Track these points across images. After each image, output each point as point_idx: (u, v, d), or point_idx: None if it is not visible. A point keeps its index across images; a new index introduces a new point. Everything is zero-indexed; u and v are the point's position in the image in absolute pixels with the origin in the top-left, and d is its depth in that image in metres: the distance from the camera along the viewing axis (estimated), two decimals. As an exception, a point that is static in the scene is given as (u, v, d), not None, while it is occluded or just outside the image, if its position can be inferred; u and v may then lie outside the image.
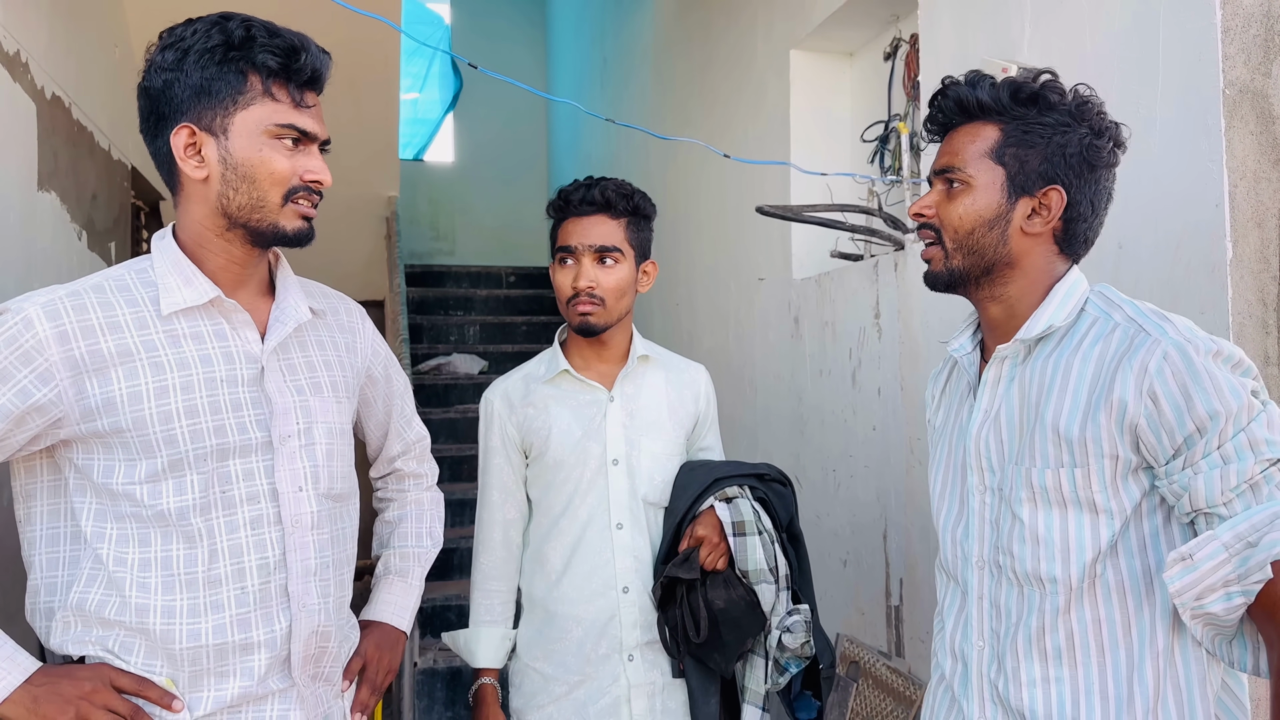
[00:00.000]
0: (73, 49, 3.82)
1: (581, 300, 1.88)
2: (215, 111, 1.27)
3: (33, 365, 1.23)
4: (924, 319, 2.71)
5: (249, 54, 1.27)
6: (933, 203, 1.33)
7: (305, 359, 1.42)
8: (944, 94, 1.33)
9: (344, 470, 1.44)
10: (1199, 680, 1.19)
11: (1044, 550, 1.22)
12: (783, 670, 1.92)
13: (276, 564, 1.33)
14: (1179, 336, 1.16)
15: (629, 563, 1.91)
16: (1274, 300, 1.80)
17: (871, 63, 3.44)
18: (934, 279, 1.35)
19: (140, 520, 1.28)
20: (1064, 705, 1.21)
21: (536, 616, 1.96)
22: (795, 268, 3.54)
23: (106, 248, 4.41)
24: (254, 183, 1.29)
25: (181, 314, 1.31)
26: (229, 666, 1.31)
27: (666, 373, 2.03)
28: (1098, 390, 1.19)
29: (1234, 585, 1.09)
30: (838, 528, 3.21)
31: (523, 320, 6.41)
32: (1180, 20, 1.86)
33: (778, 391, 3.66)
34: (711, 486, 1.90)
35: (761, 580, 1.85)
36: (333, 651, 1.42)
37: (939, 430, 1.44)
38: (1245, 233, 1.77)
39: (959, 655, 1.34)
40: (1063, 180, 1.27)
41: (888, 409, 2.91)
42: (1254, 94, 1.80)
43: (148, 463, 1.27)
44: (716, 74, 4.29)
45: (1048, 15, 2.21)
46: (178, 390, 1.28)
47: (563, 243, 1.92)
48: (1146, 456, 1.18)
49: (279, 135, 1.29)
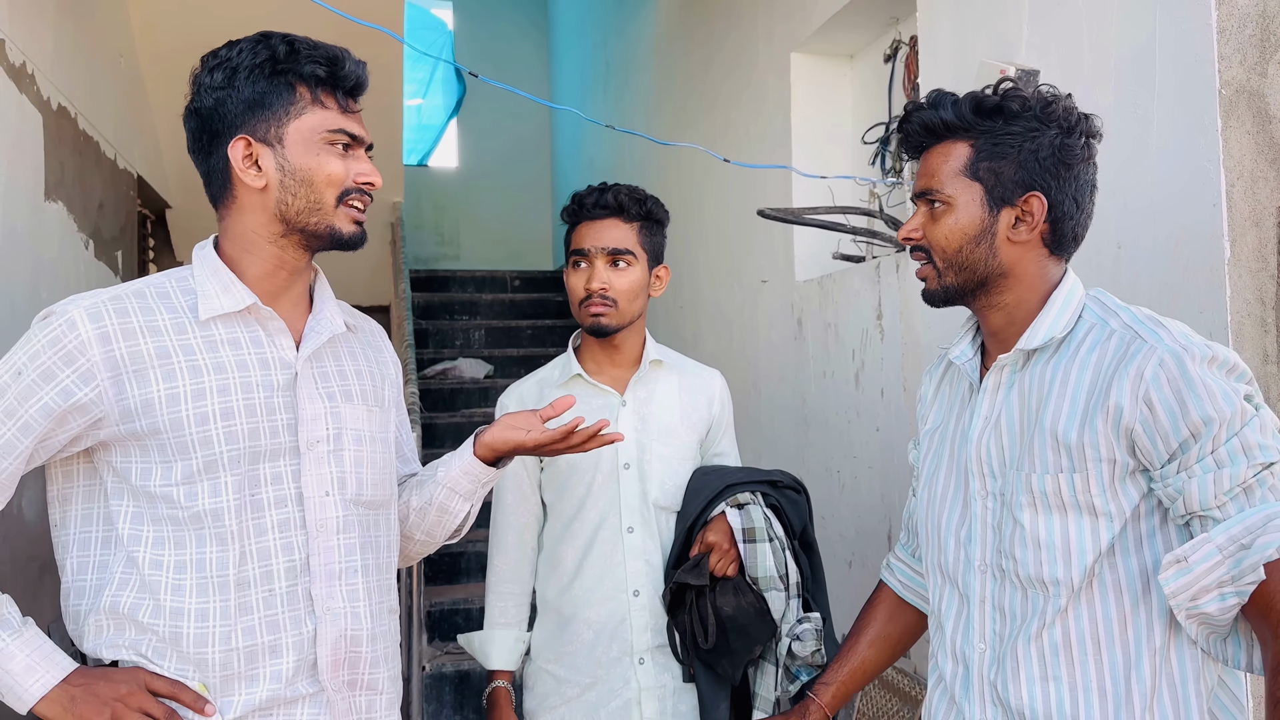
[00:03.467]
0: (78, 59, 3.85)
1: (594, 302, 1.91)
2: (269, 123, 1.33)
3: (75, 365, 1.27)
4: (926, 320, 2.72)
5: (295, 66, 1.33)
6: (919, 225, 1.35)
7: (338, 368, 1.45)
8: (908, 119, 1.35)
9: (376, 478, 1.46)
10: (1194, 677, 1.20)
11: (1045, 554, 1.24)
12: (793, 678, 1.90)
13: (301, 567, 1.36)
14: (1174, 343, 1.18)
15: (640, 566, 1.92)
16: (1272, 299, 1.80)
17: (872, 65, 3.46)
18: (931, 296, 1.37)
19: (176, 523, 1.31)
20: (1063, 703, 1.23)
21: (550, 619, 1.98)
22: (798, 270, 3.55)
23: (114, 256, 4.45)
24: (311, 186, 1.34)
25: (219, 320, 1.35)
26: (258, 670, 1.33)
27: (680, 377, 2.05)
28: (1095, 396, 1.21)
29: (1228, 586, 1.11)
30: (843, 529, 3.22)
31: (528, 324, 6.42)
32: (1176, 21, 1.87)
33: (781, 394, 3.67)
34: (724, 492, 1.91)
35: (771, 587, 1.85)
36: (368, 657, 1.41)
37: (935, 431, 1.45)
38: (1243, 232, 1.78)
39: (959, 657, 1.35)
40: (1040, 185, 1.28)
41: (891, 410, 2.92)
42: (1250, 94, 1.81)
43: (183, 464, 1.30)
44: (717, 76, 4.31)
45: (1045, 17, 2.22)
46: (214, 393, 1.31)
47: (576, 246, 1.95)
48: (1142, 460, 1.19)
49: (331, 140, 1.35)
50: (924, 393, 1.52)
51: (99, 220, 4.22)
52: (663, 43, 5.19)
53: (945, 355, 1.48)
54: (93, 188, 4.11)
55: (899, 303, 2.85)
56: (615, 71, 6.13)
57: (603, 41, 6.49)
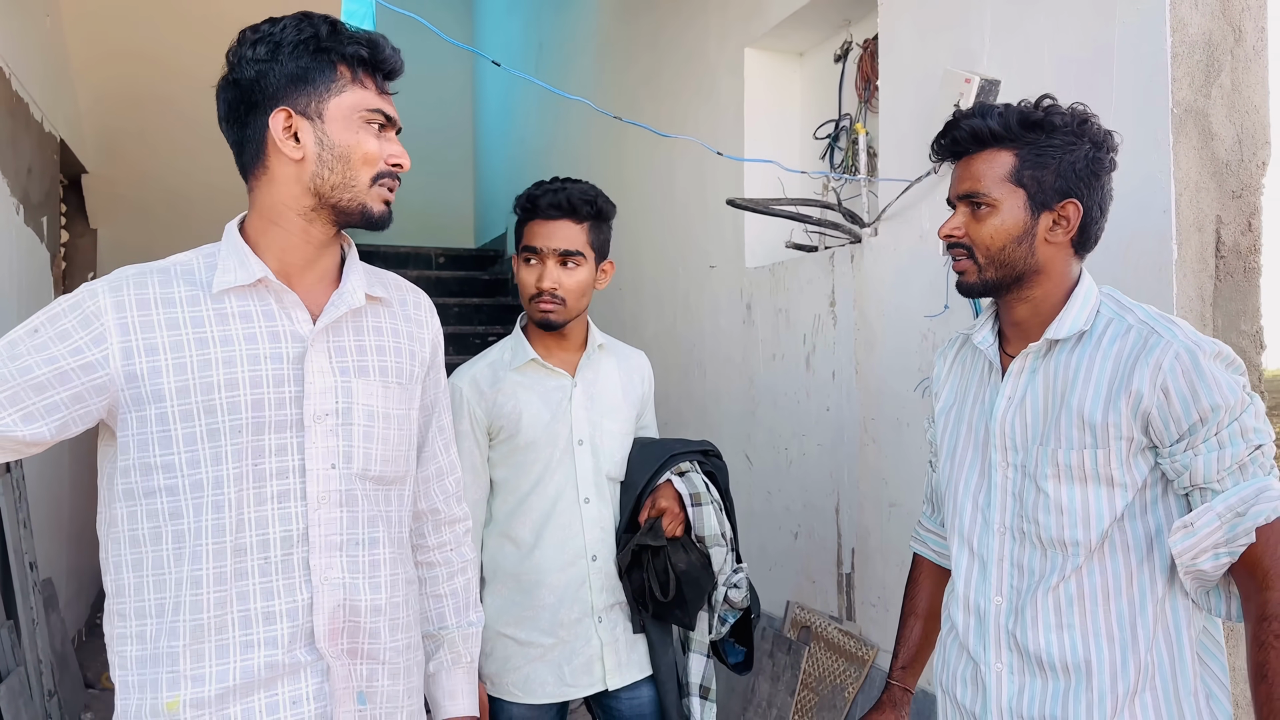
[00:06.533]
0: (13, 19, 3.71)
1: (545, 299, 2.06)
2: (310, 97, 1.37)
3: (90, 329, 1.32)
4: (880, 308, 2.91)
5: (338, 46, 1.38)
6: (961, 224, 1.50)
7: (357, 342, 1.47)
8: (957, 125, 1.50)
9: (389, 454, 1.49)
10: (1186, 624, 1.42)
11: (1067, 519, 1.43)
12: (723, 621, 2.21)
13: (300, 537, 1.39)
14: (1188, 340, 1.38)
15: (597, 533, 2.11)
16: (1210, 296, 2.04)
17: (823, 63, 3.62)
18: (969, 289, 1.52)
19: (173, 492, 1.35)
20: (1075, 647, 1.42)
21: (506, 587, 2.11)
22: (748, 257, 3.71)
23: (40, 222, 4.31)
24: (348, 162, 1.39)
25: (232, 293, 1.39)
26: (253, 635, 1.36)
27: (617, 359, 2.24)
28: (1117, 382, 1.40)
29: (1222, 547, 1.34)
30: (789, 503, 3.41)
31: (455, 302, 6.44)
32: (1134, 44, 2.07)
33: (728, 375, 3.84)
34: (668, 462, 2.14)
35: (715, 544, 2.12)
36: (367, 627, 1.44)
37: (950, 409, 1.62)
38: (1188, 237, 2.01)
39: (972, 609, 1.53)
40: (1076, 193, 1.45)
41: (842, 391, 3.11)
42: (1196, 113, 2.03)
43: (185, 430, 1.34)
44: (665, 66, 4.41)
45: (1007, 31, 2.41)
46: (220, 364, 1.35)
47: (529, 243, 2.09)
48: (1154, 439, 1.39)
49: (369, 120, 1.40)
50: (938, 371, 1.68)
51: (28, 185, 4.08)
52: (604, 26, 5.25)
53: (961, 337, 1.66)
54: (24, 151, 3.97)
55: (853, 291, 3.04)
56: (550, 54, 6.16)
57: (536, 21, 6.49)
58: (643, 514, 2.11)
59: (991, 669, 1.49)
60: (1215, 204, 2.04)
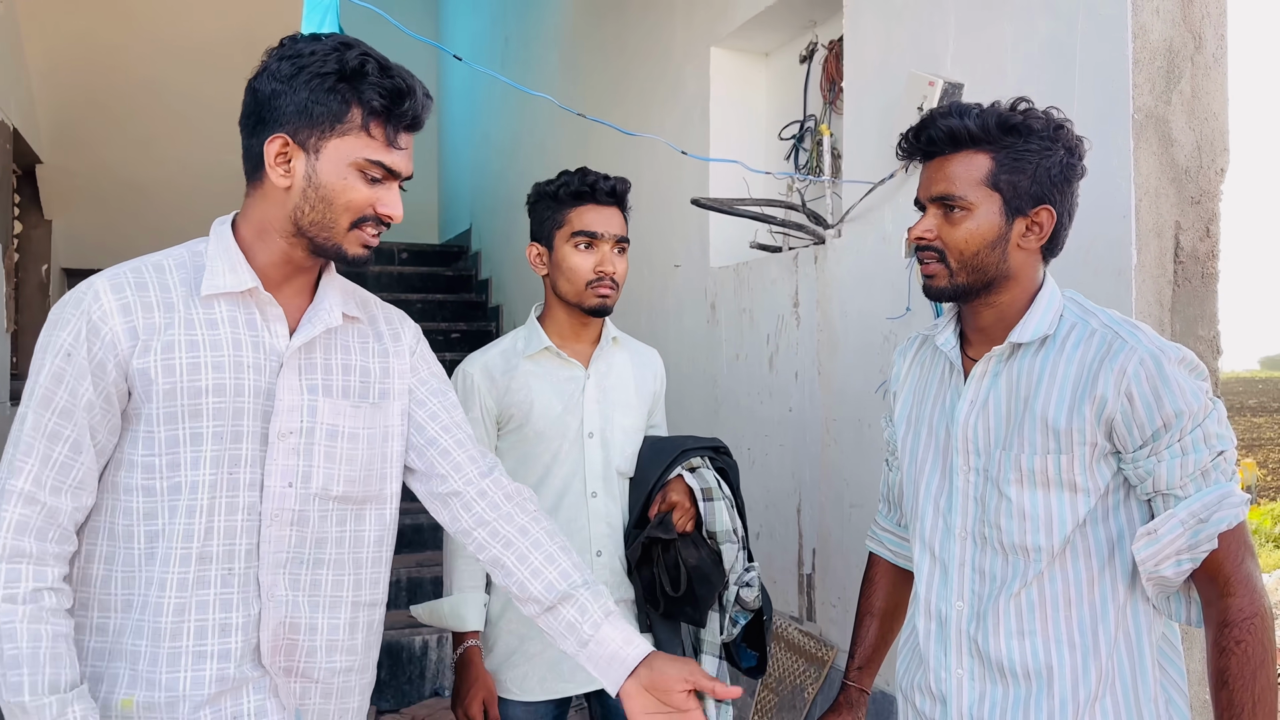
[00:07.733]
0: (-36, 4, 3.63)
1: (604, 284, 2.03)
2: (312, 131, 1.33)
3: (101, 336, 1.31)
4: (843, 309, 2.91)
5: (357, 87, 1.33)
6: (933, 226, 1.46)
7: (325, 361, 1.45)
8: (933, 124, 1.46)
9: (354, 474, 1.46)
10: (1147, 629, 1.41)
11: (1029, 524, 1.41)
12: (735, 623, 2.11)
13: (251, 551, 1.39)
14: (1152, 345, 1.37)
15: (603, 529, 2.06)
16: (1169, 301, 2.05)
17: (787, 64, 3.63)
18: (938, 293, 1.49)
19: (149, 493, 1.34)
20: (1037, 653, 1.41)
21: None
22: (713, 257, 3.70)
23: (-10, 213, 4.22)
24: (330, 205, 1.35)
25: (221, 298, 1.37)
26: (207, 647, 1.36)
27: (630, 354, 2.20)
28: (1082, 387, 1.38)
29: (1185, 554, 1.33)
30: (750, 503, 3.39)
31: (418, 298, 6.40)
32: (1095, 50, 2.09)
33: (692, 375, 3.83)
34: (680, 457, 2.09)
35: (726, 540, 2.05)
36: (304, 646, 1.43)
37: (909, 411, 1.61)
38: (1147, 242, 2.02)
39: (933, 614, 1.52)
40: (1050, 199, 1.43)
41: (805, 392, 3.11)
42: (1157, 119, 2.05)
43: (168, 433, 1.33)
44: (631, 64, 4.39)
45: (971, 35, 2.42)
46: (209, 368, 1.34)
47: (586, 228, 2.03)
48: (1117, 444, 1.38)
49: (364, 169, 1.36)
50: (897, 370, 1.67)
51: (-22, 175, 4.00)
52: (569, 22, 5.23)
53: (921, 336, 1.64)
54: (-27, 140, 3.89)
55: (816, 292, 3.04)
56: (515, 49, 6.12)
57: (501, 16, 6.46)
58: (653, 508, 2.06)
59: (952, 675, 1.48)
60: (1174, 210, 2.06)
